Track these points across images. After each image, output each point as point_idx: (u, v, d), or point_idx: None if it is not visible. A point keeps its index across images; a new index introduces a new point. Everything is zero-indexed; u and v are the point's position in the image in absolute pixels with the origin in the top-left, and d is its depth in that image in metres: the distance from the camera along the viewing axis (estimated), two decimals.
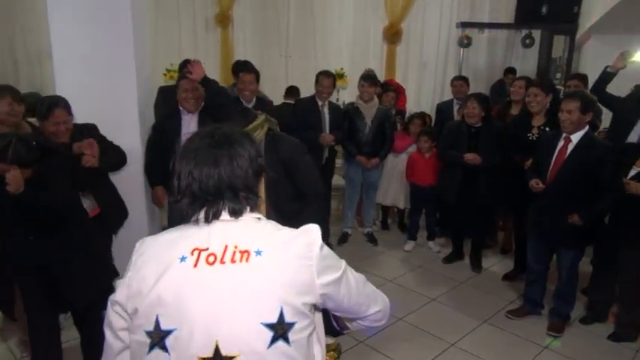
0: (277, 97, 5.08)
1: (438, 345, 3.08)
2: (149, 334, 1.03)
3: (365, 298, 1.21)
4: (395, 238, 4.88)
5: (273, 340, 1.02)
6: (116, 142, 3.06)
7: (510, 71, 6.34)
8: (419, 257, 4.47)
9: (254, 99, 3.85)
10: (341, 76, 6.55)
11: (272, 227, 1.14)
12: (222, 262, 1.04)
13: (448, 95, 5.46)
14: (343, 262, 1.17)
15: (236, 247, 1.05)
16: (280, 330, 1.03)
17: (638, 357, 3.03)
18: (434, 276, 4.09)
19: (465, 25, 6.68)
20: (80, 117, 2.95)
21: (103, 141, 2.84)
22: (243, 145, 1.12)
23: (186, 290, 1.02)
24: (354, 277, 1.18)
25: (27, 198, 2.14)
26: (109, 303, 1.10)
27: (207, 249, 1.05)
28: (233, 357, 1.02)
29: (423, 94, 7.27)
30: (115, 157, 2.90)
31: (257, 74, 3.90)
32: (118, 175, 3.12)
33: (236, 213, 1.10)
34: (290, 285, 1.05)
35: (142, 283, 1.05)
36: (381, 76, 6.53)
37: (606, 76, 3.70)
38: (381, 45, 7.19)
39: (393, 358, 2.94)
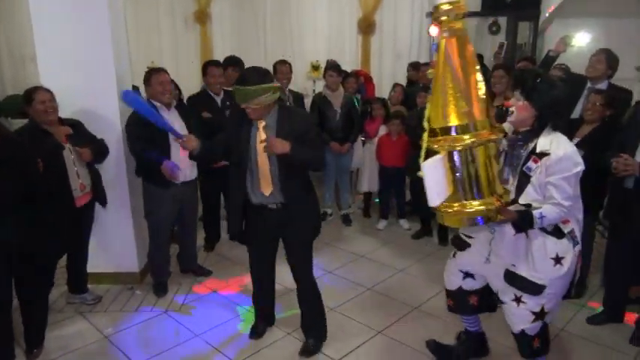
0: None
1: (403, 309, 3.37)
2: None
3: None
4: (371, 222, 5.12)
5: None
6: (98, 136, 3.34)
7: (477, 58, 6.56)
8: (390, 234, 4.76)
9: (222, 92, 4.10)
10: (317, 68, 6.80)
11: None
12: None
13: None
14: None
15: None
16: None
17: None
18: (403, 250, 4.38)
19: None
20: (64, 113, 3.22)
21: (90, 137, 3.23)
22: None
23: None
24: None
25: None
26: None
27: None
28: None
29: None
30: (99, 151, 3.27)
31: (224, 68, 4.21)
32: (102, 166, 3.43)
33: None
34: None
35: None
36: (357, 68, 6.77)
37: (548, 59, 3.98)
38: (356, 37, 7.40)
39: (362, 323, 3.23)
